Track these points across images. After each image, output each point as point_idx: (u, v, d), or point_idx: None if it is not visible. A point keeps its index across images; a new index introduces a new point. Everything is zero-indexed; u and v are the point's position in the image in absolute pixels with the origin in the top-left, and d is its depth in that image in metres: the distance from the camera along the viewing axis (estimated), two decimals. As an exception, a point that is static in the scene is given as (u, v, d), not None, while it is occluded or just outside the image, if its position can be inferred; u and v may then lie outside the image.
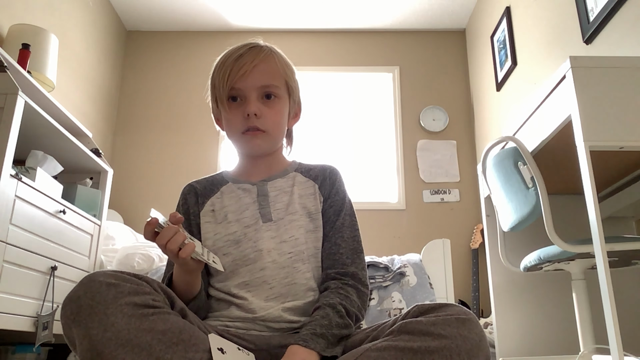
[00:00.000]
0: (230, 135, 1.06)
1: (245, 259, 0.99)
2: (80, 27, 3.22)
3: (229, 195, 1.07)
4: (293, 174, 1.10)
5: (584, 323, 1.54)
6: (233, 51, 1.04)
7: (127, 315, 0.71)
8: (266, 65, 1.02)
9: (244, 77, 1.00)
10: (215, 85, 1.04)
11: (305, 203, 1.05)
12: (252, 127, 1.01)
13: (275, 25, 3.87)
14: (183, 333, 0.74)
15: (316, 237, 1.03)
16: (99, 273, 0.75)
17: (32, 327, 1.87)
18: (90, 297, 0.71)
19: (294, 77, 1.09)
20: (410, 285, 2.13)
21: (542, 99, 1.49)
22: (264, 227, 1.01)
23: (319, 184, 1.08)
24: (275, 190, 1.07)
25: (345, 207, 1.06)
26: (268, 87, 1.02)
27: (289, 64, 1.09)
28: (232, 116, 1.02)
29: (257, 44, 1.05)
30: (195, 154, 3.65)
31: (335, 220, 1.04)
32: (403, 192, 3.57)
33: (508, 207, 1.64)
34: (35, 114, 1.95)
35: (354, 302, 0.94)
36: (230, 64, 1.01)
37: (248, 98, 1.01)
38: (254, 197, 1.06)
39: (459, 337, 0.74)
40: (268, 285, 0.97)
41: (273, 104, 1.03)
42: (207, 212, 1.06)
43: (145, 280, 0.77)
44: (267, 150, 1.07)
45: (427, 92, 3.80)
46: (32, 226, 1.87)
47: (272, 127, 1.03)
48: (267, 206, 1.04)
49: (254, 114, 0.99)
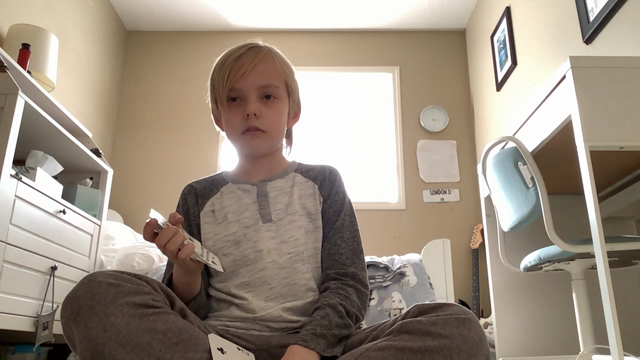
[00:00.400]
0: (230, 135, 1.06)
1: (245, 259, 0.99)
2: (80, 27, 3.22)
3: (229, 196, 1.07)
4: (293, 174, 1.10)
5: (584, 323, 1.54)
6: (232, 51, 1.04)
7: (127, 315, 0.70)
8: (265, 65, 1.03)
9: (243, 77, 1.00)
10: (214, 86, 1.04)
11: (305, 203, 1.05)
12: (252, 127, 1.01)
13: (275, 25, 3.87)
14: (183, 333, 0.74)
15: (316, 238, 1.03)
16: (99, 273, 0.75)
17: (32, 327, 1.87)
18: (90, 297, 0.71)
19: (294, 77, 1.09)
20: (410, 285, 2.13)
21: (542, 99, 1.49)
22: (263, 227, 1.02)
23: (318, 185, 1.08)
24: (275, 190, 1.07)
25: (345, 207, 1.07)
26: (267, 87, 1.02)
27: (289, 64, 1.09)
28: (231, 116, 1.02)
29: (256, 44, 1.05)
30: (195, 154, 3.65)
31: (335, 221, 1.04)
32: (403, 192, 3.57)
33: (508, 207, 1.64)
34: (35, 114, 1.95)
35: (354, 303, 0.94)
36: (229, 64, 1.01)
37: (247, 98, 1.01)
38: (254, 197, 1.06)
39: (458, 336, 0.74)
40: (268, 286, 0.97)
41: (272, 104, 1.03)
42: (207, 212, 1.06)
43: (145, 280, 0.77)
44: (267, 150, 1.07)
45: (427, 92, 3.80)
46: (32, 226, 1.87)
47: (272, 127, 1.03)
48: (267, 207, 1.04)
49: (254, 114, 0.99)
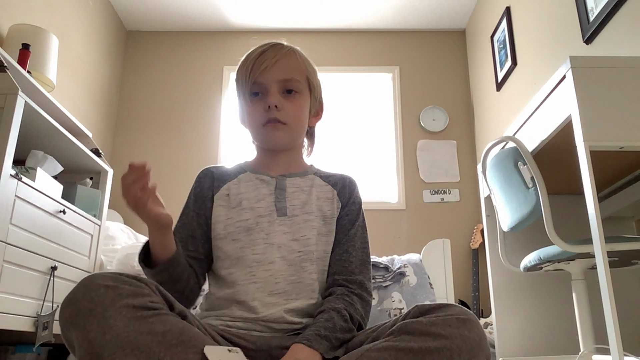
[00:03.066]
0: (251, 128, 1.07)
1: (255, 249, 0.99)
2: (80, 27, 3.22)
3: (247, 183, 1.08)
4: (312, 176, 1.11)
5: (584, 323, 1.54)
6: (256, 49, 1.07)
7: (125, 318, 0.70)
8: (287, 60, 1.05)
9: (265, 71, 1.02)
10: (238, 82, 1.07)
11: (322, 206, 1.06)
12: (273, 118, 1.02)
13: (276, 25, 3.87)
14: (182, 334, 0.74)
15: (327, 241, 1.04)
16: (97, 275, 0.74)
17: (32, 327, 1.87)
18: (88, 299, 0.71)
19: (316, 75, 1.11)
20: (410, 285, 2.13)
21: (542, 99, 1.49)
22: (277, 220, 1.02)
23: (337, 190, 1.09)
24: (293, 187, 1.07)
25: (360, 217, 1.08)
26: (289, 80, 1.04)
27: (311, 63, 1.11)
28: (253, 109, 1.04)
29: (279, 42, 1.08)
30: (195, 154, 3.65)
31: (349, 229, 1.05)
32: (403, 192, 3.57)
33: (508, 207, 1.64)
34: (35, 114, 1.95)
35: (358, 310, 0.95)
36: (252, 59, 1.04)
37: (269, 91, 1.03)
38: (272, 189, 1.06)
39: (459, 337, 0.73)
40: (274, 280, 0.97)
41: (294, 98, 1.05)
42: (221, 195, 1.06)
43: (144, 282, 0.77)
44: (288, 144, 1.08)
45: (427, 92, 3.79)
46: (32, 226, 1.87)
47: (293, 120, 1.04)
48: (284, 200, 1.05)
49: (275, 105, 1.01)
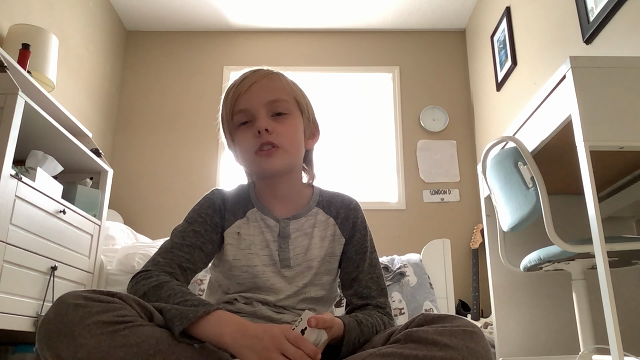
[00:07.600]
0: (244, 160, 1.02)
1: (259, 291, 1.00)
2: (80, 27, 3.22)
3: (254, 224, 1.04)
4: (315, 210, 1.07)
5: (584, 323, 1.54)
6: (236, 79, 1.03)
7: (95, 335, 0.69)
8: (271, 82, 1.01)
9: (249, 93, 0.98)
10: (223, 116, 1.02)
11: (325, 246, 1.04)
12: (265, 142, 0.96)
13: (276, 25, 3.86)
14: (160, 343, 0.73)
15: (328, 279, 1.05)
16: (69, 294, 0.73)
17: (32, 327, 1.87)
18: (59, 319, 0.70)
19: (304, 96, 1.06)
20: (410, 285, 2.13)
21: (542, 99, 1.49)
22: (281, 271, 1.01)
23: (339, 223, 1.06)
24: (296, 231, 1.04)
25: (368, 246, 1.06)
26: (276, 102, 0.99)
27: (297, 84, 1.07)
28: (242, 139, 0.99)
29: (260, 67, 1.05)
30: (195, 154, 3.65)
31: (361, 260, 1.04)
32: (403, 192, 3.57)
33: (508, 207, 1.64)
34: (35, 114, 1.95)
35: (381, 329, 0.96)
36: (234, 87, 1.01)
37: (257, 116, 0.98)
38: (275, 236, 1.03)
39: (465, 349, 0.72)
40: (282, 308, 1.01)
41: (284, 120, 1.00)
42: (232, 233, 1.02)
43: (118, 297, 0.75)
44: (284, 169, 1.01)
45: (427, 92, 3.80)
46: (32, 226, 1.87)
47: (287, 142, 0.99)
48: (287, 250, 1.02)
49: (265, 129, 0.96)
